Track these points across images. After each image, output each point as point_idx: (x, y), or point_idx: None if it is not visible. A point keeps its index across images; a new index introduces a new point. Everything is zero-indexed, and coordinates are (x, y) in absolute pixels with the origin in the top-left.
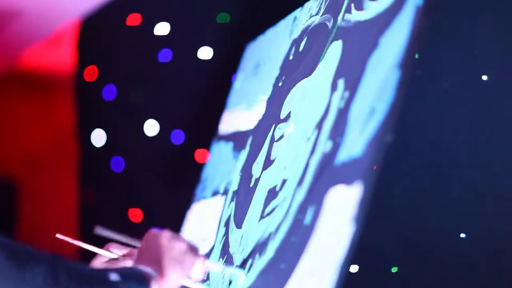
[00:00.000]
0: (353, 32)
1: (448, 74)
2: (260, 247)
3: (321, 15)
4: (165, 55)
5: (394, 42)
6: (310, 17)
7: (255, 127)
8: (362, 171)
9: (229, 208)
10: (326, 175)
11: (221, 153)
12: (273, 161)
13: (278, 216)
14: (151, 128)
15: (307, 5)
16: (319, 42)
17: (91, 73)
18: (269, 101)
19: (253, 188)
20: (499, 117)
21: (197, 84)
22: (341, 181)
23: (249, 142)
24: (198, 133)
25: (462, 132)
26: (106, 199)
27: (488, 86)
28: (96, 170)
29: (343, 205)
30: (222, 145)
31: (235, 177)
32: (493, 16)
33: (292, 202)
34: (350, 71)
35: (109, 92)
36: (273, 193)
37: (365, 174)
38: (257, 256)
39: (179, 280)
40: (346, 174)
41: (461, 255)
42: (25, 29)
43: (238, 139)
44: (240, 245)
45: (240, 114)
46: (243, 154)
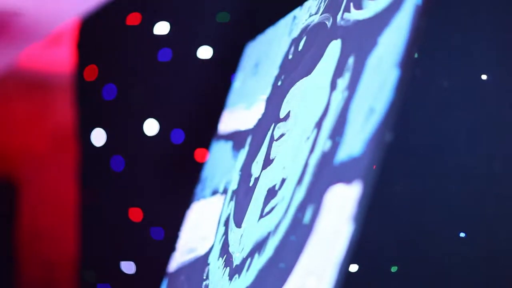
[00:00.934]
0: (352, 31)
1: (447, 73)
2: (259, 246)
3: (321, 14)
4: (164, 55)
5: (393, 41)
6: (310, 16)
7: (254, 126)
8: (361, 170)
9: (229, 207)
10: (325, 174)
11: (221, 153)
12: (272, 160)
13: (277, 215)
14: (151, 127)
15: (306, 4)
16: (318, 41)
17: (91, 72)
18: (269, 100)
19: (252, 187)
20: (500, 117)
21: (197, 83)
22: (341, 180)
23: (249, 141)
24: (198, 133)
25: (462, 131)
26: (106, 199)
27: (488, 85)
28: (96, 169)
29: (342, 204)
30: (222, 144)
31: (234, 176)
32: (493, 14)
33: (291, 201)
34: (349, 70)
35: (109, 92)
36: (272, 192)
37: (365, 173)
38: (256, 255)
39: None
40: (345, 173)
41: (461, 255)
42: (25, 29)
43: (237, 139)
44: (240, 244)
45: (240, 113)
46: (243, 153)
